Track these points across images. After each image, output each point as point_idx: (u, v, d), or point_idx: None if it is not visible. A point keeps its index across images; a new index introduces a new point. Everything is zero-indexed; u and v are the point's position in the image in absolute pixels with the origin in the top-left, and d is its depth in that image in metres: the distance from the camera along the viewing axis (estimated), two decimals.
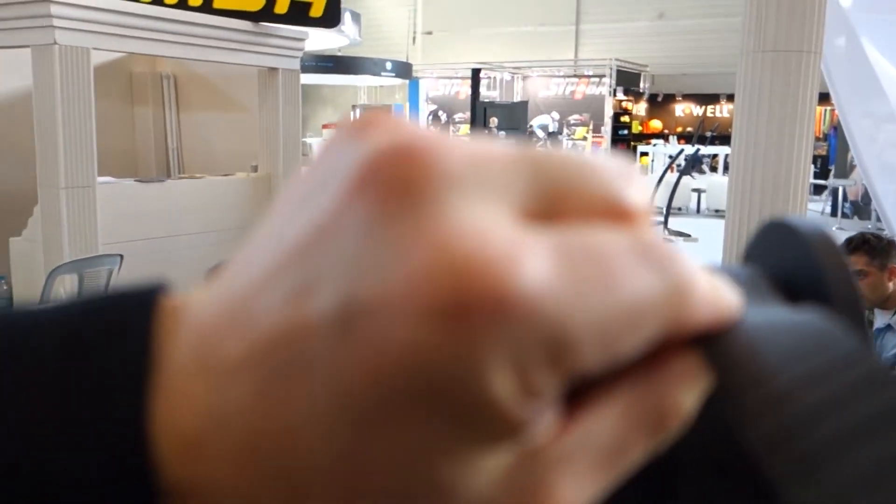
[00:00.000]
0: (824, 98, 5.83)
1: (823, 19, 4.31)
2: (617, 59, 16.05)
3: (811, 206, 11.56)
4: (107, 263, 4.64)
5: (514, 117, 14.78)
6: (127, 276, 4.71)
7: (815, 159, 15.30)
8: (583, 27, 17.21)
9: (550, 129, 16.98)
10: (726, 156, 10.01)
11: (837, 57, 5.61)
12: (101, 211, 5.05)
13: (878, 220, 8.04)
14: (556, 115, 17.74)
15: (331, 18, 6.53)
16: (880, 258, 2.98)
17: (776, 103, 4.33)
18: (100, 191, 5.08)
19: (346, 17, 10.15)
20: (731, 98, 4.69)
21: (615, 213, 0.17)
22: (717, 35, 14.43)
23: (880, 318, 3.02)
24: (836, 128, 13.25)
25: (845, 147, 10.44)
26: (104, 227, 5.07)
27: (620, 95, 17.23)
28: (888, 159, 5.93)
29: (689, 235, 9.88)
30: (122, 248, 4.83)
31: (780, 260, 0.22)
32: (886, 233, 3.19)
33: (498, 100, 16.89)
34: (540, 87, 18.12)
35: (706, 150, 12.97)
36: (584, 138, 17.08)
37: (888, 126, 5.90)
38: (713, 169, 14.51)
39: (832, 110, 13.20)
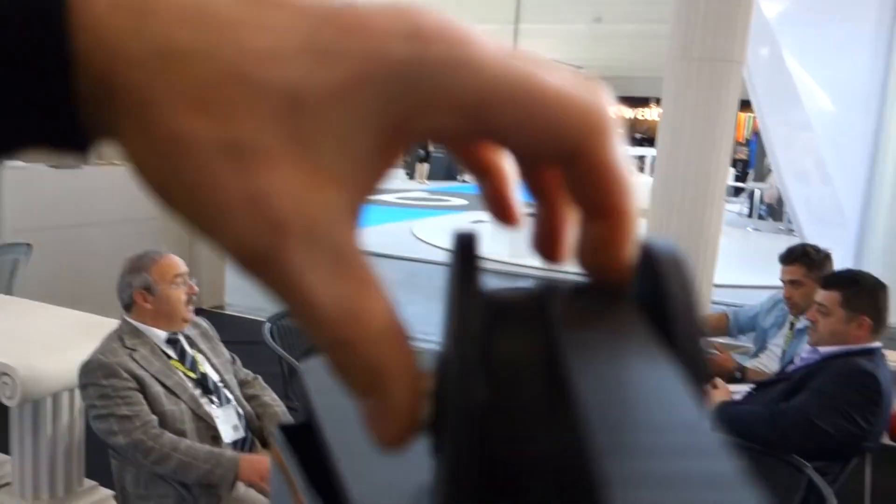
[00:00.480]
0: (748, 105, 5.99)
1: (748, 30, 4.43)
2: (554, 60, 16.23)
3: (730, 206, 11.90)
4: (13, 253, 4.39)
5: None
6: (36, 267, 4.54)
7: (735, 163, 15.79)
8: (522, 27, 17.28)
9: None
10: (653, 157, 10.25)
11: (760, 66, 5.78)
12: (9, 196, 4.80)
13: (790, 221, 8.33)
14: None
15: None
16: (816, 270, 3.13)
17: (699, 108, 4.44)
18: (8, 175, 4.82)
19: None
20: (660, 102, 4.79)
21: None
22: (651, 41, 14.69)
23: (803, 321, 3.16)
24: (757, 134, 13.66)
25: (764, 152, 10.76)
26: (12, 214, 4.82)
27: None
28: (802, 165, 6.15)
29: None
30: (31, 237, 4.60)
31: (643, 280, 0.22)
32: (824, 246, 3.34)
33: None
34: None
35: (633, 151, 13.24)
36: None
37: (803, 134, 6.12)
38: (640, 169, 14.82)
39: (754, 117, 13.62)
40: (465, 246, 0.20)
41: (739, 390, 2.94)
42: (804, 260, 3.19)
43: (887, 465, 3.22)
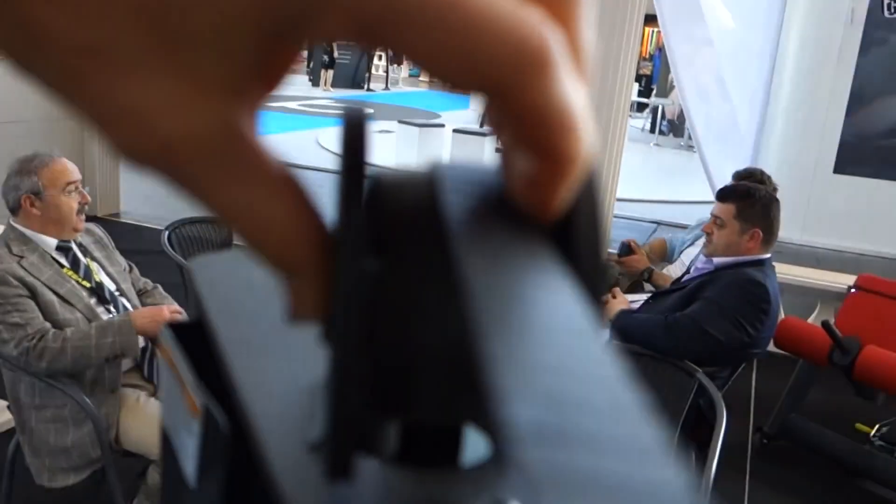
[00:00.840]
0: (653, 20, 6.03)
1: None
2: None
3: (633, 122, 12.13)
4: None
5: None
6: None
7: (639, 78, 16.01)
8: None
9: None
10: None
11: None
12: None
13: (690, 137, 8.57)
14: None
15: None
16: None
17: (605, 21, 4.45)
18: None
19: None
20: None
21: None
22: None
23: None
24: (661, 49, 13.85)
25: (667, 68, 10.94)
26: None
27: None
28: (702, 82, 6.28)
29: None
30: None
31: None
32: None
33: None
34: None
35: None
36: None
37: (705, 50, 6.22)
38: None
39: (658, 32, 13.76)
40: (353, 124, 0.18)
41: (637, 299, 3.05)
42: (751, 180, 3.35)
43: (771, 371, 3.43)
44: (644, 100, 15.79)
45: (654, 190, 9.00)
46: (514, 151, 0.18)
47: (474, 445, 0.21)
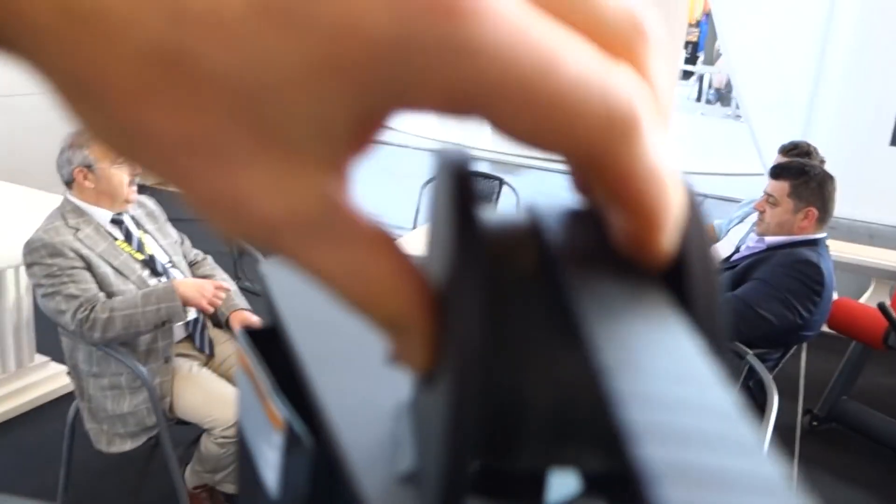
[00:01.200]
0: None
1: None
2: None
3: (679, 90, 11.90)
4: None
5: None
6: None
7: (685, 45, 15.69)
8: None
9: None
10: None
11: None
12: None
13: (738, 107, 8.39)
14: None
15: None
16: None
17: None
18: None
19: None
20: None
21: None
22: None
23: None
24: (708, 15, 13.52)
25: (714, 35, 10.70)
26: None
27: None
28: (751, 49, 6.14)
29: None
30: None
31: None
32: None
33: None
34: None
35: None
36: None
37: (754, 16, 6.07)
38: None
39: None
40: (457, 172, 0.18)
41: None
42: (796, 151, 3.28)
43: (822, 352, 3.37)
44: (690, 67, 15.48)
45: (701, 161, 8.85)
46: (605, 206, 0.19)
47: (562, 484, 0.21)
